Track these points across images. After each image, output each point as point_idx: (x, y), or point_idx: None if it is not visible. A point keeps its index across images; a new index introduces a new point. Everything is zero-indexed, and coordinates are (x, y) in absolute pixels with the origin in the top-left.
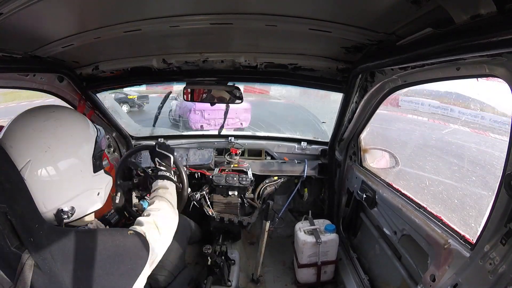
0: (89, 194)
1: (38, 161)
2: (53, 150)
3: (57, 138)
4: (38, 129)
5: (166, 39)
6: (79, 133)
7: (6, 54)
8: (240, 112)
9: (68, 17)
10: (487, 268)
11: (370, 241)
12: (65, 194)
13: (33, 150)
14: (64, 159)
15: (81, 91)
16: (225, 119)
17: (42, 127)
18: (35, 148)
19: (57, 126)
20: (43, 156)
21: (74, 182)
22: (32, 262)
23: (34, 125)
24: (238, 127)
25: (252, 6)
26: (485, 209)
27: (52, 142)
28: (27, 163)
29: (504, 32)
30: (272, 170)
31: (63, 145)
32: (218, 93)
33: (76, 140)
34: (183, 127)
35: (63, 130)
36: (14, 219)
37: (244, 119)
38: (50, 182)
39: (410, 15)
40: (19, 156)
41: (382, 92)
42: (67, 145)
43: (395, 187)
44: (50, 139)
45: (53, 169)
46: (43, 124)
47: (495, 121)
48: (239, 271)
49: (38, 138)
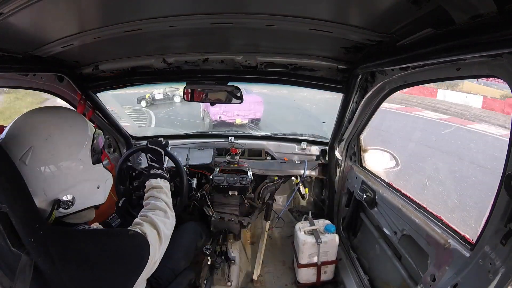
0: (88, 185)
1: (39, 148)
2: (53, 138)
3: (57, 128)
4: (39, 120)
5: (166, 39)
6: (78, 126)
7: (6, 54)
8: (254, 104)
9: (68, 17)
10: (487, 268)
11: (370, 241)
12: (65, 181)
13: (34, 137)
14: (63, 147)
15: (81, 91)
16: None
17: (43, 117)
18: (36, 135)
19: (58, 118)
20: (43, 143)
21: (73, 170)
22: (32, 262)
23: (35, 117)
24: (252, 118)
25: (252, 6)
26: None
27: (52, 131)
28: (28, 149)
29: (504, 32)
30: (272, 170)
31: (63, 134)
32: (218, 93)
33: (75, 131)
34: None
35: (63, 121)
36: (14, 219)
37: (257, 110)
38: (50, 169)
39: (410, 15)
40: (20, 144)
41: (382, 93)
42: (67, 134)
43: (395, 187)
44: (51, 128)
45: (53, 156)
46: (44, 116)
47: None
48: (239, 271)
49: (39, 128)
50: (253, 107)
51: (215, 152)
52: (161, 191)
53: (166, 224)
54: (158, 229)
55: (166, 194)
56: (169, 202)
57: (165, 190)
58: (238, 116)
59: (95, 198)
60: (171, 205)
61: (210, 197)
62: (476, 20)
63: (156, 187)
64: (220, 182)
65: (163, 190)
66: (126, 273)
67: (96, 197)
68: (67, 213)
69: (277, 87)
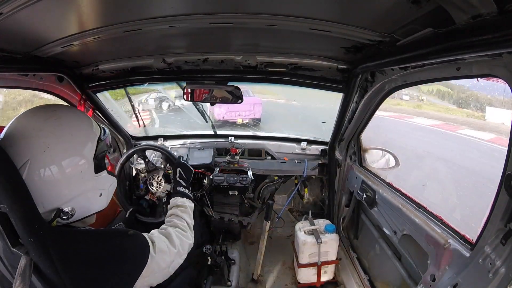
0: (90, 195)
1: (36, 161)
2: (52, 150)
3: (57, 137)
4: (37, 128)
5: (166, 39)
6: (80, 133)
7: (6, 54)
8: (253, 105)
9: (68, 17)
10: (487, 268)
11: (370, 241)
12: (64, 194)
13: (32, 150)
14: (63, 159)
15: (81, 91)
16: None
17: (41, 126)
18: (34, 147)
19: (57, 125)
20: (42, 156)
21: (73, 183)
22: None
23: (34, 124)
24: (252, 118)
25: (251, 6)
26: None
27: (51, 142)
28: (25, 162)
29: (504, 32)
30: (272, 170)
31: (62, 144)
32: (218, 93)
33: (77, 139)
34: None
35: (63, 129)
36: (14, 219)
37: (257, 111)
38: (48, 182)
39: (410, 15)
40: (17, 155)
41: (383, 92)
42: (67, 144)
43: (395, 187)
44: (50, 139)
45: (51, 169)
46: (43, 123)
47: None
48: (239, 271)
49: (37, 137)
50: (253, 108)
51: (215, 152)
52: (185, 211)
53: (183, 241)
54: (171, 240)
55: (189, 215)
56: (191, 224)
57: (188, 211)
58: (240, 116)
59: (97, 206)
60: (192, 226)
61: (210, 197)
62: (476, 19)
63: (181, 206)
64: (220, 182)
65: (187, 210)
66: (126, 273)
67: (98, 204)
68: (67, 223)
69: (276, 95)
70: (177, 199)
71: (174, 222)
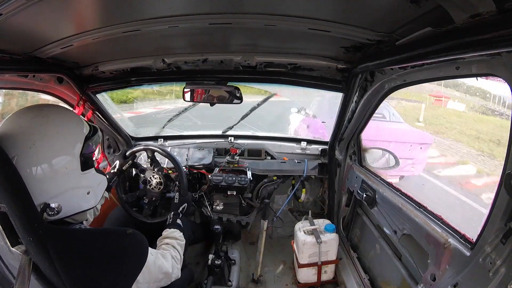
0: (76, 192)
1: (22, 157)
2: (38, 147)
3: (43, 135)
4: (24, 126)
5: (166, 39)
6: (67, 131)
7: (6, 55)
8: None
9: (68, 17)
10: (487, 267)
11: (371, 241)
12: (50, 190)
13: (18, 146)
14: (49, 156)
15: (81, 92)
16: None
17: (28, 123)
18: (20, 144)
19: (44, 123)
20: (27, 152)
21: (59, 180)
22: (31, 261)
23: (21, 123)
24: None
25: (251, 6)
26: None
27: (37, 139)
28: (12, 158)
29: (503, 31)
30: (272, 170)
31: (48, 142)
32: (218, 93)
33: (63, 137)
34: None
35: (49, 127)
36: (13, 218)
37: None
38: (34, 178)
39: (410, 14)
40: (7, 151)
41: (382, 92)
42: (53, 142)
43: (395, 186)
44: (36, 136)
45: (37, 166)
46: (30, 121)
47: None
48: (239, 271)
49: (23, 135)
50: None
51: (215, 152)
52: (181, 245)
53: (174, 268)
54: (167, 260)
55: (181, 247)
56: (182, 256)
57: (182, 244)
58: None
59: (84, 204)
60: (182, 260)
61: (209, 197)
62: (475, 19)
63: (178, 239)
64: (218, 182)
65: (182, 245)
66: (125, 272)
67: (86, 202)
68: (53, 219)
69: (274, 103)
70: (176, 232)
71: (170, 252)
